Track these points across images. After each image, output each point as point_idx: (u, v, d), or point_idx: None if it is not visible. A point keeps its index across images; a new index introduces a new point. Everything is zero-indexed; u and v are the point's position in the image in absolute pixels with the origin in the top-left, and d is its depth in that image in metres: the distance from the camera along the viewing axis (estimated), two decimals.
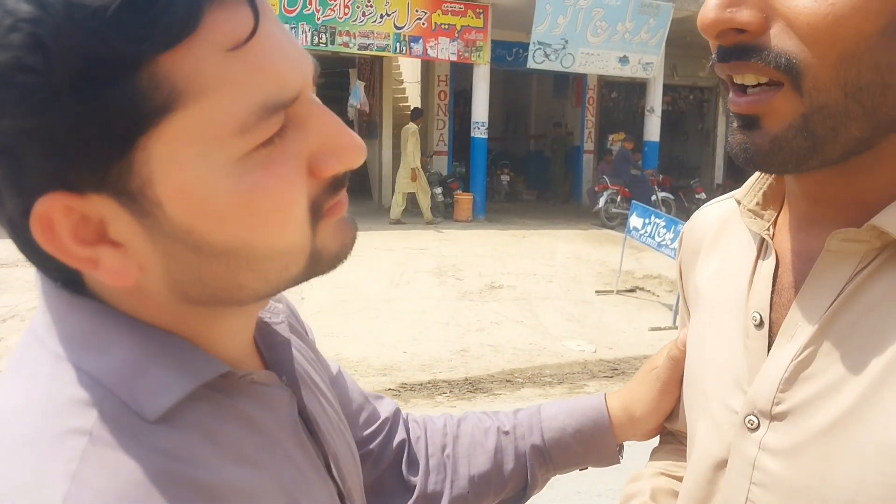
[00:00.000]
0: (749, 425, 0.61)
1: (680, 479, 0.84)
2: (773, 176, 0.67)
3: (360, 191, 14.79)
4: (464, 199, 12.27)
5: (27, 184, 0.44)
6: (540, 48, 11.84)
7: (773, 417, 0.59)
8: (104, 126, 0.42)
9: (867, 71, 0.51)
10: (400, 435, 0.88)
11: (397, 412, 0.90)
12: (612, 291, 7.69)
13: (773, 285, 0.63)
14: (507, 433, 0.90)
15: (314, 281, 0.56)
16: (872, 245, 0.55)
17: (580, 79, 15.17)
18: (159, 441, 0.46)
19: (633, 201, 8.08)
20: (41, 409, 0.46)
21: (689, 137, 17.89)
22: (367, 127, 14.77)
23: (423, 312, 6.60)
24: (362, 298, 6.82)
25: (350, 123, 14.86)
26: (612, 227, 11.86)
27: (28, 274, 7.10)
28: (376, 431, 0.87)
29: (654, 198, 12.08)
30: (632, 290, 7.88)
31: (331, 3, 11.11)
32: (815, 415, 0.56)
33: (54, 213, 0.44)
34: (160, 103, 0.42)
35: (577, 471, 0.94)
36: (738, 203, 0.69)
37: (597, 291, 7.75)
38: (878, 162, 0.56)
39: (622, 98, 17.62)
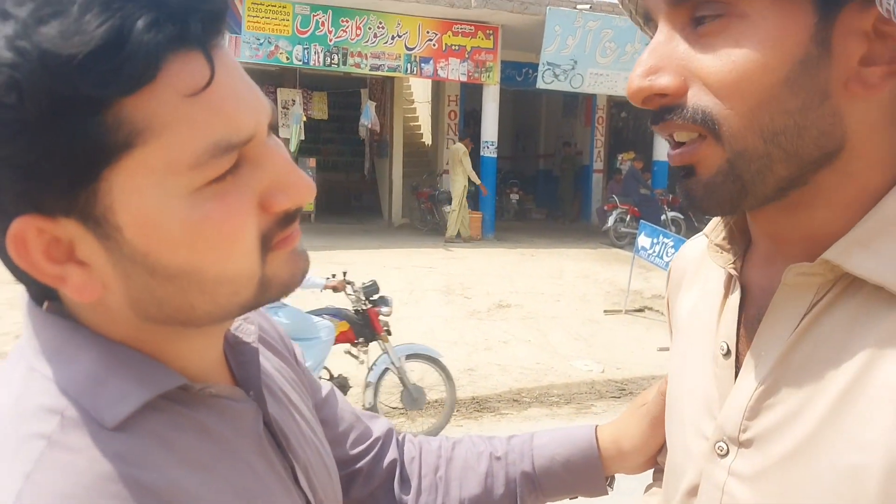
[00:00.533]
0: (719, 451, 0.63)
1: None
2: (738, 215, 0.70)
3: (371, 209, 14.87)
4: (473, 218, 12.31)
5: (4, 206, 0.49)
6: (549, 69, 11.93)
7: (741, 444, 0.62)
8: (72, 157, 0.47)
9: (779, 116, 0.55)
10: (392, 454, 0.91)
11: (390, 432, 0.93)
12: (621, 311, 7.69)
13: (740, 317, 0.66)
14: (499, 458, 0.93)
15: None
16: (826, 278, 0.58)
17: (589, 98, 15.25)
18: (115, 446, 0.51)
19: (642, 221, 8.10)
20: (9, 415, 0.51)
21: None
22: (378, 146, 14.88)
23: (431, 331, 6.62)
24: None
25: (361, 143, 14.99)
26: (621, 247, 11.87)
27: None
28: (367, 449, 0.90)
29: (663, 217, 12.08)
30: (640, 310, 7.88)
31: (343, 24, 11.26)
32: (777, 442, 0.58)
33: (28, 233, 0.50)
34: (122, 140, 0.48)
35: (567, 500, 0.95)
36: (707, 237, 0.72)
37: (605, 311, 7.75)
38: (816, 197, 0.59)
39: (632, 117, 17.67)
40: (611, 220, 12.28)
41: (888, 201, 0.56)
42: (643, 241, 7.50)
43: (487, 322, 7.07)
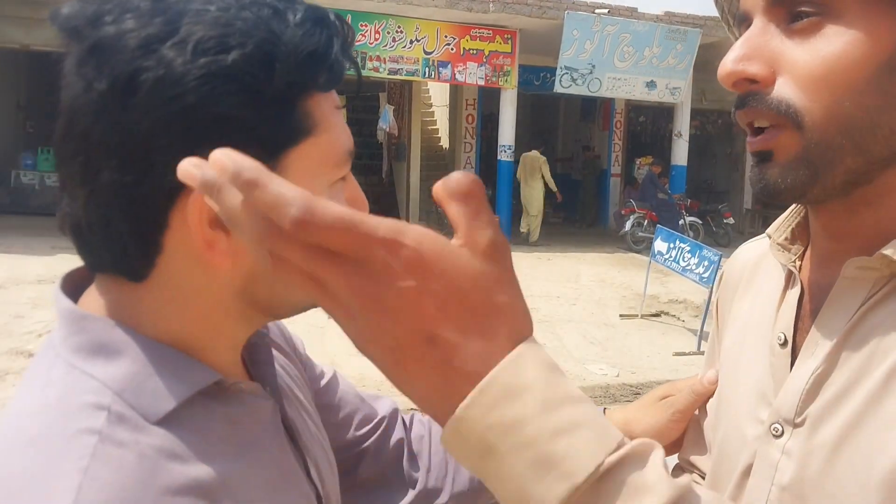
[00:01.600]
0: (774, 432, 0.68)
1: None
2: (801, 214, 0.74)
3: (388, 213, 14.86)
4: None
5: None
6: (567, 73, 11.94)
7: (796, 425, 0.66)
8: (274, 132, 0.55)
9: (856, 112, 0.60)
10: (398, 433, 0.94)
11: (395, 412, 0.96)
12: (637, 315, 7.68)
13: (798, 311, 0.71)
14: None
15: None
16: (882, 273, 0.62)
17: (607, 103, 15.23)
18: (159, 440, 0.53)
19: (658, 225, 8.09)
20: (55, 411, 0.53)
21: (717, 162, 17.80)
22: (396, 150, 14.95)
23: None
24: None
25: (379, 146, 15.05)
26: (638, 251, 11.84)
27: None
28: (372, 429, 0.93)
29: (681, 222, 12.05)
30: (656, 315, 7.87)
31: (362, 28, 11.34)
32: (828, 422, 0.63)
33: (203, 195, 0.54)
34: (305, 128, 0.57)
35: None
36: (769, 237, 0.76)
37: (621, 315, 7.75)
38: (880, 196, 0.64)
39: (650, 122, 17.62)
40: (628, 225, 12.25)
41: None
42: (660, 245, 7.49)
43: None
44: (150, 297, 0.58)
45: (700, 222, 12.60)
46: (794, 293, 0.71)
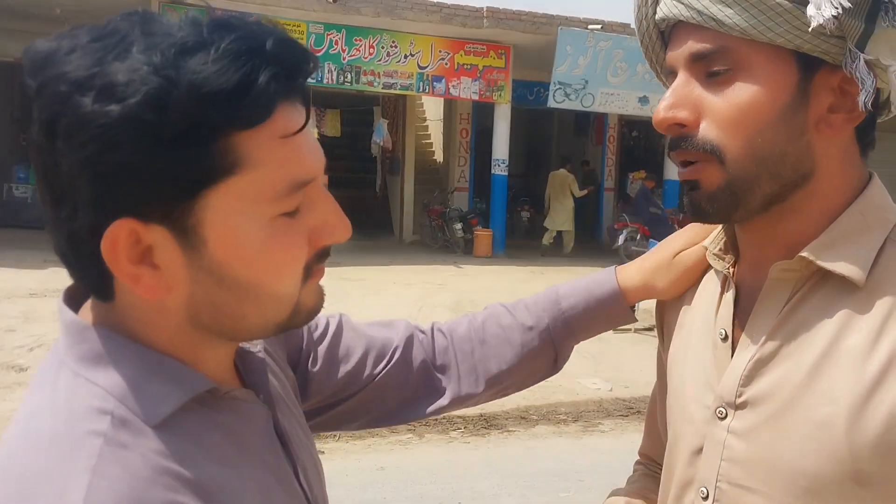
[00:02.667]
0: (719, 415, 0.79)
1: (650, 500, 0.98)
2: (731, 227, 0.85)
3: (382, 226, 14.94)
4: (483, 236, 12.37)
5: (109, 208, 0.56)
6: (560, 88, 12.01)
7: (737, 407, 0.77)
8: (185, 174, 0.56)
9: (768, 145, 0.73)
10: (418, 354, 0.99)
11: (410, 336, 1.00)
12: (630, 330, 7.68)
13: (735, 310, 0.82)
14: (531, 328, 1.00)
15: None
16: (802, 273, 0.75)
17: (601, 117, 15.31)
18: (158, 443, 0.58)
19: (651, 239, 8.11)
20: (62, 415, 0.57)
21: None
22: (390, 163, 14.98)
23: None
24: None
25: (373, 160, 15.09)
26: None
27: (56, 305, 7.23)
28: (389, 360, 0.97)
29: None
30: (649, 329, 7.86)
31: (356, 43, 11.40)
32: (767, 402, 0.74)
33: (121, 234, 0.57)
34: (226, 166, 0.57)
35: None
36: (706, 249, 0.88)
37: (614, 330, 7.73)
38: (793, 211, 0.77)
39: (643, 136, 17.70)
40: (621, 239, 12.28)
41: (846, 216, 0.75)
42: None
43: None
44: (125, 313, 0.62)
45: None
46: (730, 295, 0.83)
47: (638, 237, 12.23)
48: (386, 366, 0.96)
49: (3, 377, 5.34)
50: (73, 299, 0.65)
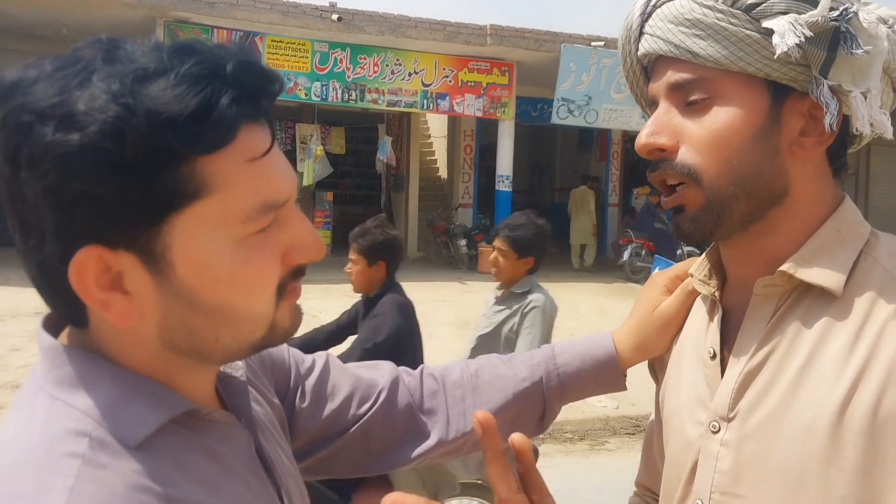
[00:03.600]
0: (712, 429, 0.82)
1: None
2: (715, 255, 0.90)
3: None
4: (488, 251, 12.33)
5: (74, 235, 0.56)
6: (564, 104, 12.04)
7: (730, 420, 0.80)
8: (148, 200, 0.56)
9: (743, 167, 0.78)
10: (403, 398, 0.98)
11: (396, 379, 0.99)
12: None
13: (723, 330, 0.86)
14: (524, 379, 1.00)
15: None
16: (784, 287, 0.79)
17: (604, 133, 15.33)
18: (137, 464, 0.57)
19: (656, 255, 8.08)
20: (40, 437, 0.56)
21: None
22: (395, 180, 15.01)
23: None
24: None
25: (378, 177, 15.12)
26: (636, 281, 11.82)
27: None
28: (374, 402, 0.96)
29: (679, 252, 12.04)
30: None
31: (361, 61, 11.45)
32: (756, 412, 0.78)
33: (89, 261, 0.56)
34: (191, 191, 0.57)
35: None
36: (692, 276, 0.92)
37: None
38: (771, 228, 0.81)
39: None
40: (626, 255, 12.26)
41: (822, 231, 0.80)
42: None
43: None
44: (100, 338, 0.62)
45: (698, 252, 12.56)
46: (717, 316, 0.87)
47: (643, 253, 12.20)
48: (371, 407, 0.95)
49: (7, 397, 5.33)
50: (53, 325, 0.65)
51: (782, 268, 0.78)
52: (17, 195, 0.56)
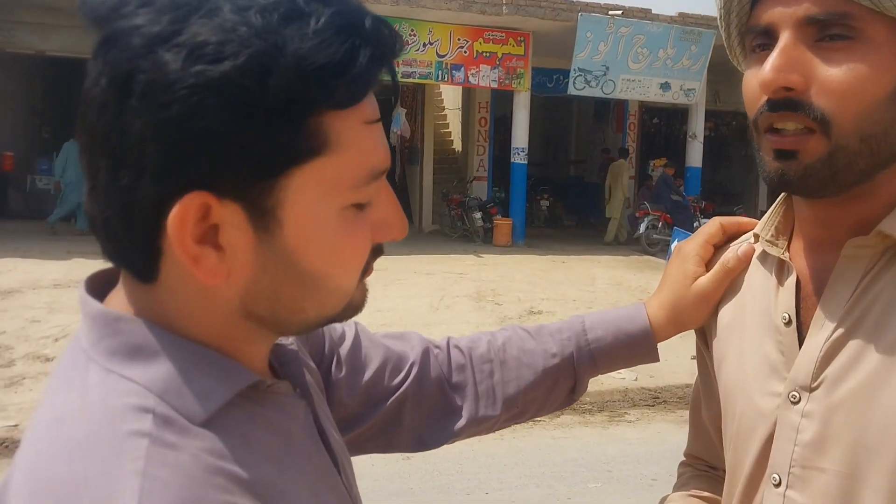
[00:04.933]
0: (792, 399, 0.77)
1: (706, 499, 0.97)
2: (780, 213, 0.85)
3: None
4: (503, 224, 12.31)
5: (182, 178, 0.51)
6: (580, 75, 11.90)
7: (812, 390, 0.75)
8: (274, 149, 0.51)
9: (876, 123, 0.70)
10: (434, 370, 0.95)
11: (426, 351, 0.95)
12: None
13: (797, 294, 0.80)
14: (554, 355, 0.96)
15: None
16: (876, 249, 0.74)
17: (621, 104, 15.17)
18: (205, 442, 0.52)
19: (675, 227, 8.02)
20: (99, 415, 0.51)
21: (732, 163, 17.70)
22: (409, 153, 14.96)
23: None
24: (402, 322, 6.88)
25: (392, 149, 15.08)
26: (653, 254, 11.76)
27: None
28: (406, 375, 0.93)
29: (696, 224, 11.96)
30: None
31: None
32: (845, 382, 0.72)
33: (191, 208, 0.51)
34: (314, 146, 0.53)
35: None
36: (756, 237, 0.86)
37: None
38: (872, 193, 0.75)
39: (664, 124, 17.54)
40: (642, 227, 12.18)
41: None
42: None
43: None
44: (166, 299, 0.56)
45: None
46: (790, 279, 0.81)
47: (660, 225, 12.12)
48: (404, 380, 0.92)
49: (30, 367, 5.39)
50: (97, 290, 0.60)
51: (879, 227, 0.72)
52: (115, 125, 0.51)
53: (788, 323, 0.79)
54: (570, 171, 18.26)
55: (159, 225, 0.52)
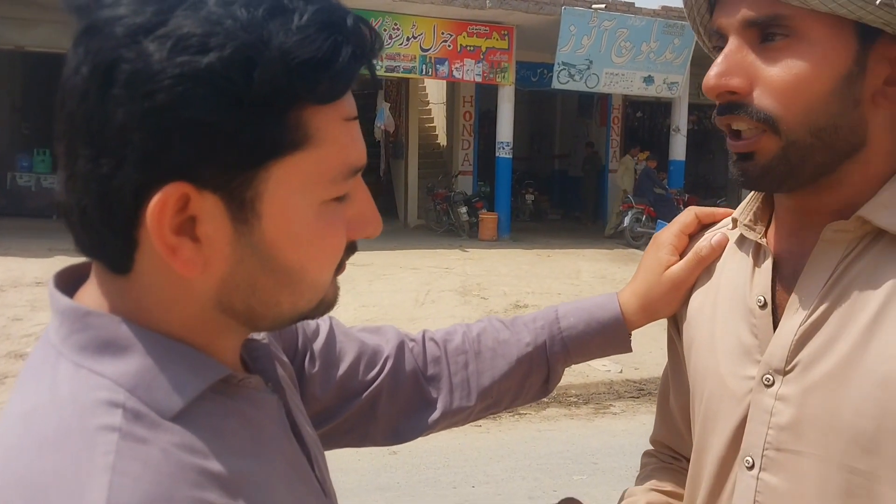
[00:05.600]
0: (766, 383, 0.77)
1: (668, 493, 0.99)
2: (760, 199, 0.86)
3: (386, 211, 14.91)
4: (488, 219, 12.32)
5: (164, 167, 0.51)
6: (564, 69, 11.91)
7: (786, 373, 0.76)
8: (255, 141, 0.52)
9: (823, 117, 0.72)
10: (409, 363, 0.95)
11: (401, 344, 0.96)
12: None
13: (773, 277, 0.81)
14: (527, 344, 0.97)
15: (341, 299, 0.65)
16: (855, 234, 0.75)
17: (605, 98, 15.20)
18: (176, 436, 0.52)
19: (659, 220, 8.06)
20: (69, 410, 0.51)
21: (715, 157, 17.78)
22: (394, 148, 14.92)
23: None
24: (387, 317, 6.88)
25: (376, 144, 15.05)
26: (637, 247, 11.82)
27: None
28: (381, 368, 0.93)
29: None
30: None
31: None
32: (820, 365, 0.73)
33: (171, 198, 0.51)
34: (296, 140, 0.54)
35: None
36: (735, 221, 0.88)
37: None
38: (839, 182, 0.76)
39: (647, 117, 17.59)
40: (626, 221, 12.24)
41: None
42: None
43: None
44: (139, 292, 0.56)
45: None
46: (767, 262, 0.82)
47: (643, 218, 12.18)
48: (378, 374, 0.92)
49: (12, 366, 5.34)
50: (66, 285, 0.59)
51: (860, 212, 0.74)
52: (96, 113, 0.51)
53: (764, 306, 0.80)
54: (554, 166, 18.29)
55: (137, 215, 0.52)
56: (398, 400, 0.93)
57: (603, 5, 11.82)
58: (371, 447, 0.97)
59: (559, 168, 18.08)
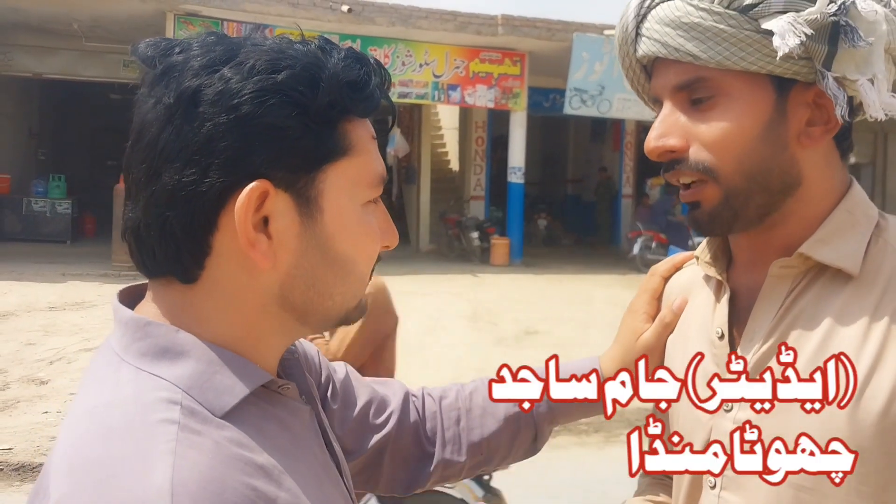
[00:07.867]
0: (725, 409, 0.84)
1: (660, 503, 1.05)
2: (719, 238, 0.92)
3: (398, 235, 14.89)
4: (500, 244, 12.31)
5: (249, 166, 0.62)
6: (576, 94, 11.95)
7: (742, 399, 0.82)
8: (317, 146, 0.64)
9: (755, 162, 0.80)
10: (412, 415, 1.02)
11: (406, 395, 1.02)
12: None
13: (731, 311, 0.88)
14: (514, 404, 1.01)
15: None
16: (799, 269, 0.82)
17: (617, 123, 15.22)
18: (226, 431, 0.60)
19: (671, 246, 8.02)
20: (132, 406, 0.59)
21: None
22: (406, 173, 14.98)
23: (458, 359, 6.60)
24: (397, 343, 6.83)
25: (389, 170, 15.14)
26: None
27: (75, 318, 7.29)
28: (388, 417, 0.99)
29: (690, 243, 11.95)
30: None
31: (371, 52, 11.36)
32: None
33: (255, 193, 0.62)
34: (343, 147, 0.66)
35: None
36: (697, 259, 0.95)
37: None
38: (785, 218, 0.84)
39: None
40: (636, 249, 12.18)
41: (835, 214, 0.83)
42: None
43: (515, 349, 7.02)
44: (200, 301, 0.65)
45: None
46: (725, 296, 0.89)
47: (653, 245, 12.12)
48: (386, 422, 0.98)
49: (24, 390, 5.35)
50: (128, 299, 0.68)
51: (801, 249, 0.80)
52: (181, 132, 0.61)
53: (721, 337, 0.87)
54: (567, 191, 18.29)
55: (216, 220, 0.62)
56: (401, 451, 0.98)
57: (615, 31, 11.87)
58: (363, 491, 0.98)
59: (572, 193, 18.07)
